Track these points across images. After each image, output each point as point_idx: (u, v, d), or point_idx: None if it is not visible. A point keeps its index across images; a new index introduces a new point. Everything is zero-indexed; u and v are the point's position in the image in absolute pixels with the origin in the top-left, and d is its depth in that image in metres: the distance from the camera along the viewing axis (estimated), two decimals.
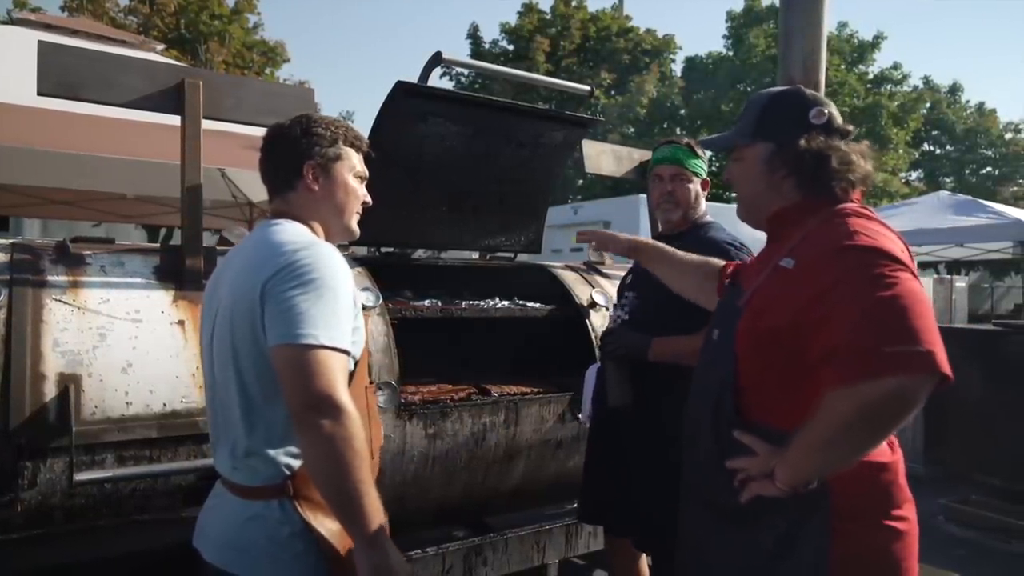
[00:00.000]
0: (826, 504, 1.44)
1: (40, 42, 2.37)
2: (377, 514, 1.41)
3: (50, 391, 2.12)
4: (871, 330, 1.32)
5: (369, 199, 1.73)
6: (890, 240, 1.46)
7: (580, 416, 2.95)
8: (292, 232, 1.52)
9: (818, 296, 1.42)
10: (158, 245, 2.63)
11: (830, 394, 1.34)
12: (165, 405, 2.27)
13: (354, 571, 1.41)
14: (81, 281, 2.32)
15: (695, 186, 2.63)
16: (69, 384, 2.14)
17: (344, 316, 1.43)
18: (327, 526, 1.45)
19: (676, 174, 2.62)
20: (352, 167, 1.67)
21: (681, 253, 2.21)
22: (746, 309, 1.59)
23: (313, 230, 1.60)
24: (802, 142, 1.56)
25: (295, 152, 1.60)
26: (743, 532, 1.56)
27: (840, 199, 1.57)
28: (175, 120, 2.61)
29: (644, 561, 2.72)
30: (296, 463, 1.47)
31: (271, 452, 1.47)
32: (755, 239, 1.94)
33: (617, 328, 2.61)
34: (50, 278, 2.28)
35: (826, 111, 1.59)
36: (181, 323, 2.38)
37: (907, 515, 1.51)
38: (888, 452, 1.51)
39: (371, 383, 1.75)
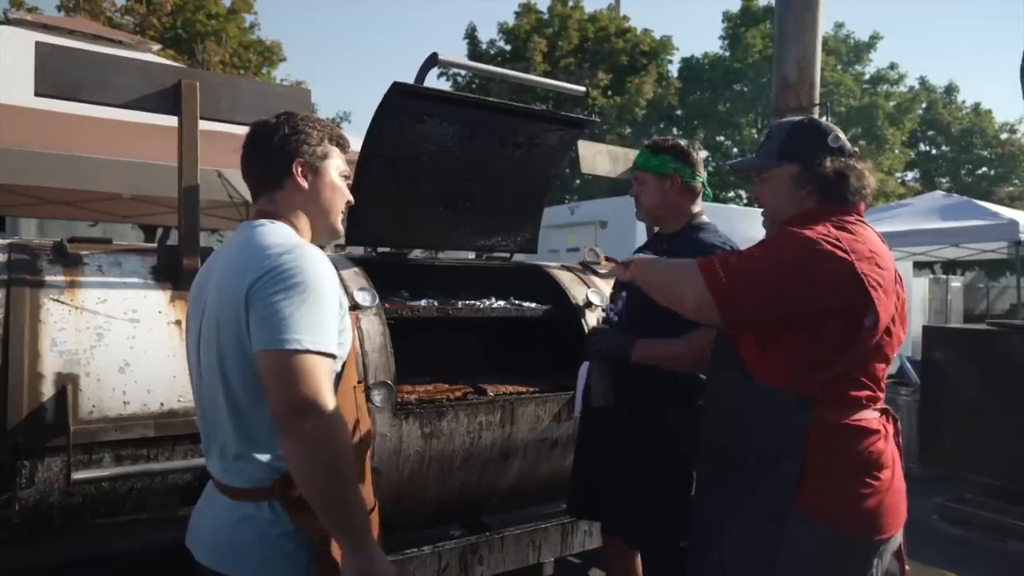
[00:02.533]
0: (799, 454, 1.68)
1: (38, 43, 2.37)
2: (362, 517, 1.41)
3: (48, 390, 2.13)
4: (722, 255, 1.84)
5: (352, 198, 1.71)
6: (843, 245, 1.66)
7: (576, 412, 2.97)
8: (277, 234, 1.51)
9: None
10: (155, 245, 2.63)
11: (701, 258, 1.80)
12: (162, 404, 2.28)
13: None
14: (79, 281, 2.33)
15: (654, 186, 2.59)
16: (67, 383, 2.15)
17: (330, 319, 1.43)
18: (317, 527, 1.45)
19: (636, 177, 2.65)
20: (338, 166, 1.66)
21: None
22: None
23: (298, 230, 1.59)
24: (828, 162, 1.82)
25: (284, 150, 1.58)
26: (729, 469, 1.83)
27: (847, 209, 1.82)
28: (171, 121, 2.61)
29: (639, 559, 2.74)
30: (285, 465, 1.46)
31: (259, 455, 1.47)
32: (751, 239, 2.05)
33: (602, 327, 2.62)
34: (48, 278, 2.29)
35: (840, 137, 1.85)
36: (178, 323, 2.39)
37: (883, 478, 1.71)
38: (875, 421, 1.74)
39: (360, 382, 1.75)
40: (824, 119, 5.73)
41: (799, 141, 1.88)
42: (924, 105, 28.79)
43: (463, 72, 22.39)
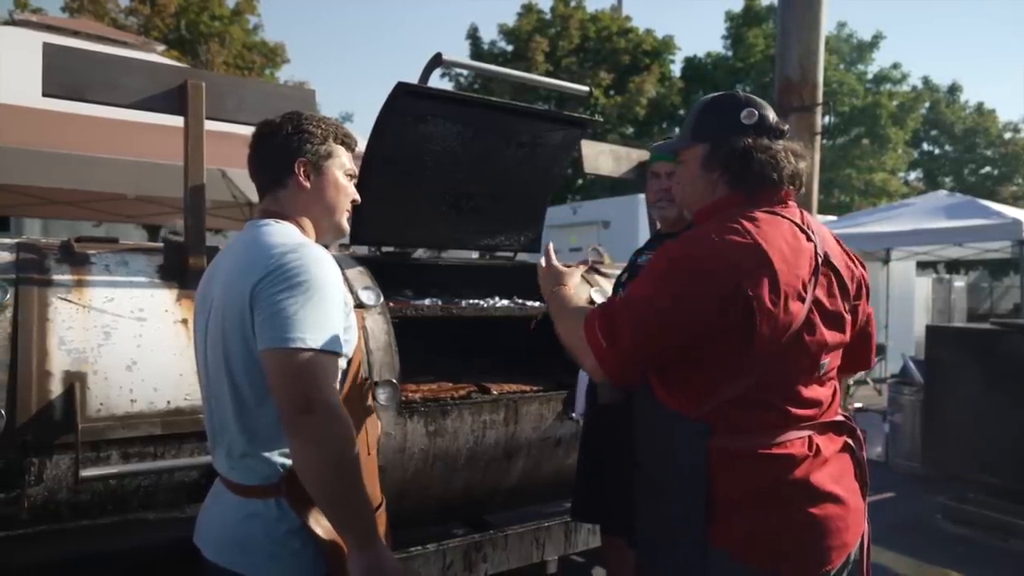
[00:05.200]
0: (704, 484, 1.52)
1: (45, 44, 2.39)
2: (368, 516, 1.42)
3: (56, 388, 2.14)
4: (610, 303, 1.63)
5: (359, 197, 1.72)
6: (725, 256, 1.48)
7: (573, 414, 2.97)
8: (281, 233, 1.52)
9: None
10: (161, 244, 2.65)
11: (588, 313, 1.63)
12: (169, 402, 2.30)
13: None
14: (86, 280, 2.34)
15: None
16: (74, 382, 2.16)
17: (334, 317, 1.43)
18: (324, 524, 1.46)
19: (673, 171, 2.60)
20: (342, 165, 1.66)
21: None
22: None
23: (303, 229, 1.60)
24: (736, 142, 1.62)
25: (287, 150, 1.59)
26: (651, 497, 1.69)
27: (764, 196, 1.63)
28: (175, 121, 2.63)
29: None
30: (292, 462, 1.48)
31: (266, 452, 1.48)
32: None
33: None
34: (55, 277, 2.30)
35: (756, 112, 1.64)
36: (184, 321, 2.40)
37: (808, 509, 1.52)
38: (795, 444, 1.54)
39: (366, 379, 1.76)
40: (826, 119, 5.65)
41: (711, 118, 1.70)
42: (927, 105, 28.74)
43: (465, 72, 22.40)
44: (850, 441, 1.67)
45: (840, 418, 1.66)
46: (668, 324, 1.50)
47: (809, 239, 1.59)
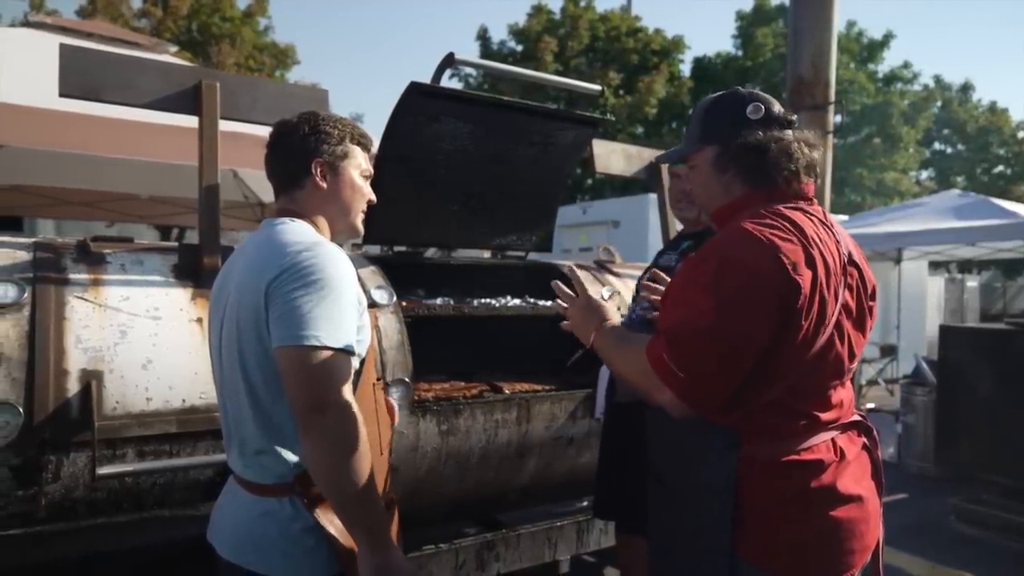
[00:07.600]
0: (731, 492, 1.49)
1: (62, 45, 2.42)
2: (380, 515, 1.42)
3: (73, 387, 2.16)
4: (669, 329, 1.49)
5: (374, 197, 1.72)
6: (774, 252, 1.42)
7: (595, 414, 2.97)
8: (296, 232, 1.53)
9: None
10: (176, 244, 2.67)
11: (648, 345, 1.52)
12: (184, 401, 2.31)
13: None
14: (102, 279, 2.36)
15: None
16: (91, 380, 2.17)
17: (349, 316, 1.44)
18: (336, 523, 1.46)
19: (681, 173, 2.63)
20: (359, 165, 1.67)
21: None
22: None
23: (318, 228, 1.60)
24: (740, 139, 1.58)
25: (303, 150, 1.60)
26: (672, 507, 1.65)
27: (784, 190, 1.59)
28: (188, 121, 2.64)
29: None
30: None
31: (281, 451, 1.49)
32: None
33: (625, 324, 2.62)
34: (72, 276, 2.32)
35: (762, 106, 1.60)
36: (199, 320, 2.41)
37: (832, 515, 1.51)
38: (821, 448, 1.53)
39: (379, 379, 1.76)
40: (838, 118, 5.62)
41: (717, 118, 1.64)
42: (939, 104, 28.58)
43: (474, 73, 22.42)
44: (867, 441, 1.66)
45: (858, 418, 1.65)
46: (739, 335, 1.41)
47: (836, 238, 1.57)
